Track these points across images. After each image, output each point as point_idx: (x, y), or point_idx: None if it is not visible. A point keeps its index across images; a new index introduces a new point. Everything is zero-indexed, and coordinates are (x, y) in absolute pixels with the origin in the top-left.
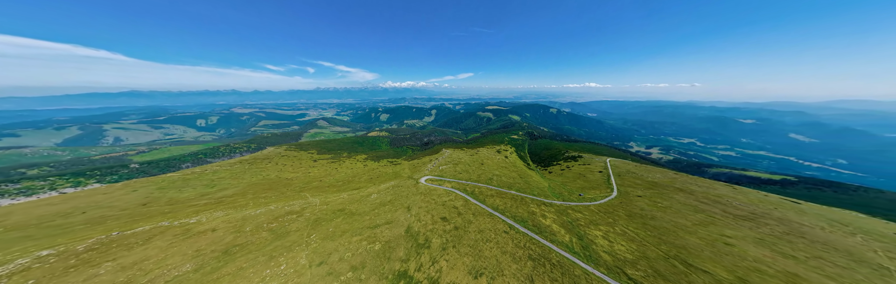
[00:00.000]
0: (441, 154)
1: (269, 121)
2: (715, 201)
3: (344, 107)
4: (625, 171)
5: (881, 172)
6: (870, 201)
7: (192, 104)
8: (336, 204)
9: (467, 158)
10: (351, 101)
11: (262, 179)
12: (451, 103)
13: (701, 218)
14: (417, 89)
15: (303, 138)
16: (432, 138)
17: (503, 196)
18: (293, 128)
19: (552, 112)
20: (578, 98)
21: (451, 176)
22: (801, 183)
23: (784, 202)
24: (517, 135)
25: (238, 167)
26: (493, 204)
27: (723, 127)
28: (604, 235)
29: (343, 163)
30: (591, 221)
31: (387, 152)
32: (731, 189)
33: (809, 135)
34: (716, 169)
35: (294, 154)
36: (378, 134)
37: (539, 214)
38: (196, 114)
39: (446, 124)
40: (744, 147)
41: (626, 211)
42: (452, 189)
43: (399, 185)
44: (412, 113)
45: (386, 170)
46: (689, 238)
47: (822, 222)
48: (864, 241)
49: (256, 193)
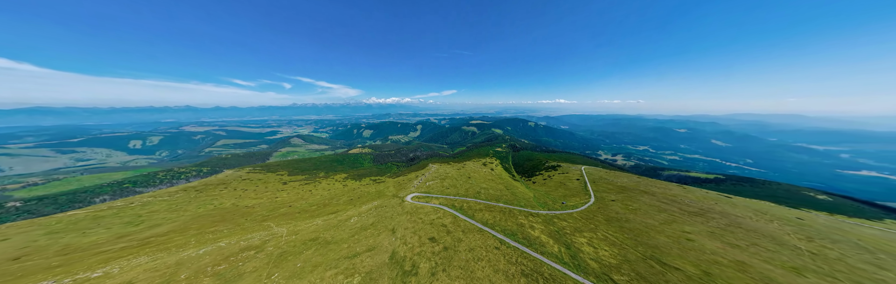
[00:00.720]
0: (428, 169)
1: (230, 141)
2: (672, 200)
3: (323, 124)
4: (598, 178)
5: (773, 168)
6: (773, 192)
7: (128, 122)
8: (308, 233)
9: (454, 172)
10: (331, 118)
11: (213, 209)
12: (437, 118)
13: (665, 218)
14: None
15: (271, 158)
16: (418, 153)
17: (492, 209)
18: (260, 148)
19: (530, 125)
20: (552, 112)
21: (439, 192)
22: (728, 180)
23: (720, 197)
24: (501, 148)
25: (181, 196)
26: (482, 219)
27: (665, 135)
28: (588, 242)
29: (319, 185)
30: (576, 228)
31: (370, 170)
32: (682, 189)
33: (724, 140)
34: (667, 172)
35: (259, 176)
36: (360, 150)
37: (527, 226)
38: (130, 135)
39: (432, 139)
40: (683, 152)
41: (605, 215)
42: (440, 205)
43: (383, 205)
44: (397, 128)
45: (368, 190)
46: (658, 238)
47: (749, 212)
48: (780, 226)
49: (202, 228)
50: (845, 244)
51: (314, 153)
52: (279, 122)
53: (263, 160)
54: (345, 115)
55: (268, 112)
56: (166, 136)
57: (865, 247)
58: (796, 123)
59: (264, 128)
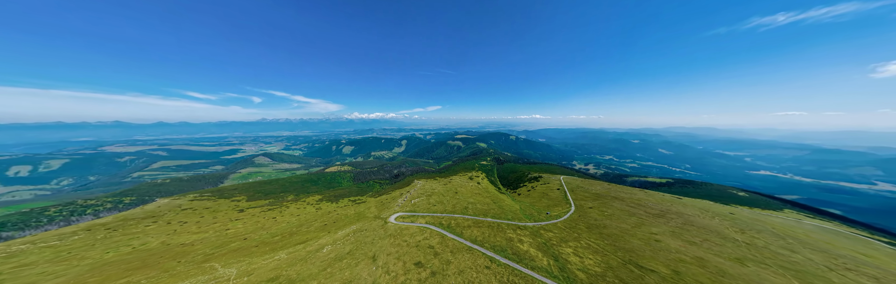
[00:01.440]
0: (413, 186)
1: (172, 162)
2: (638, 204)
3: (297, 141)
4: (576, 187)
5: (704, 171)
6: (709, 191)
7: (14, 143)
8: (266, 272)
9: (441, 188)
10: (307, 134)
11: (130, 252)
12: (422, 133)
13: (635, 221)
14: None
15: (227, 181)
16: (403, 169)
17: (480, 225)
18: (213, 170)
19: (512, 139)
20: (529, 126)
21: (425, 210)
22: (676, 183)
23: (674, 199)
24: (486, 161)
25: (80, 239)
26: (471, 237)
27: (624, 146)
28: (574, 251)
29: (286, 210)
30: (562, 239)
31: (349, 189)
32: (644, 193)
33: (667, 149)
34: (631, 178)
35: (206, 204)
36: (339, 168)
37: (516, 240)
38: (11, 159)
39: (418, 154)
40: (639, 160)
41: (585, 223)
42: (427, 225)
43: (362, 229)
44: (381, 144)
45: (346, 212)
46: (633, 241)
47: (696, 211)
48: (720, 221)
49: (108, 281)
50: (766, 233)
51: (283, 173)
52: (243, 139)
53: (216, 183)
54: (323, 131)
55: (229, 128)
56: (74, 160)
57: (778, 234)
58: (712, 134)
59: (222, 146)
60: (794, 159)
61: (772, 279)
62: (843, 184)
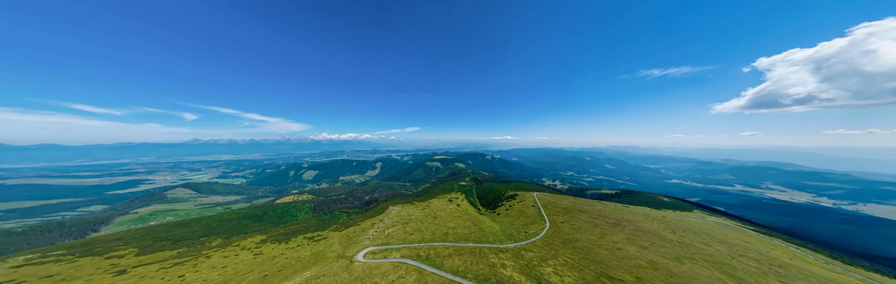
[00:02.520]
0: (387, 213)
1: (5, 204)
2: (599, 215)
3: (241, 166)
4: (548, 202)
5: (639, 182)
6: (645, 199)
7: None
8: None
9: (419, 214)
10: (257, 157)
11: None
12: (399, 155)
13: (599, 232)
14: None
15: (108, 227)
16: (376, 195)
17: (461, 252)
18: (86, 212)
19: (488, 158)
20: (503, 147)
21: (401, 241)
22: (622, 193)
23: (623, 208)
24: (465, 182)
25: None
26: (452, 267)
27: (580, 162)
28: (554, 270)
29: (206, 261)
30: (542, 258)
31: (306, 224)
32: (602, 204)
33: (611, 164)
34: (590, 191)
35: (53, 269)
36: (295, 198)
37: (499, 265)
38: None
39: (394, 177)
40: (593, 174)
41: (560, 238)
42: (403, 259)
43: (320, 275)
44: (352, 167)
45: (299, 254)
46: (601, 252)
47: (640, 217)
48: (658, 225)
49: None
50: (689, 231)
51: (212, 209)
52: (153, 167)
53: (85, 233)
54: (280, 154)
55: (133, 151)
56: None
57: (696, 231)
58: (637, 152)
59: (115, 177)
60: (687, 169)
61: (701, 272)
62: (719, 187)
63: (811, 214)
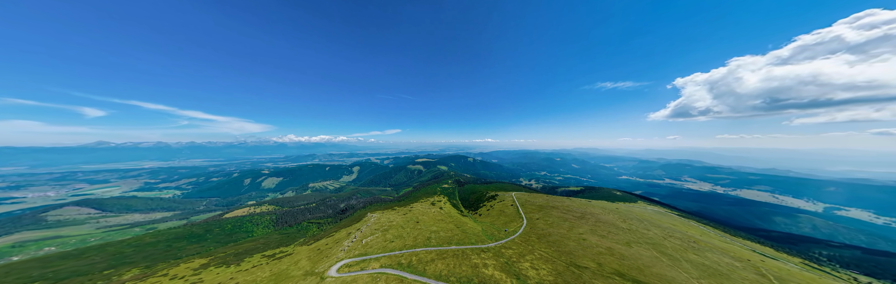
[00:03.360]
0: (365, 221)
1: None
2: (568, 210)
3: (174, 175)
4: (525, 201)
5: (599, 179)
6: (603, 194)
7: None
8: None
9: (400, 219)
10: (199, 163)
11: None
12: (379, 158)
13: (568, 226)
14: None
15: None
16: (353, 202)
17: (444, 255)
18: None
19: (470, 161)
20: (484, 149)
21: (381, 250)
22: (586, 190)
23: (587, 202)
24: (448, 184)
25: None
26: (435, 272)
27: (552, 163)
28: (531, 264)
29: None
30: (520, 254)
31: (265, 240)
32: (570, 200)
33: (577, 164)
34: (560, 189)
35: None
36: (250, 211)
37: (481, 265)
38: None
39: (373, 182)
40: (563, 173)
41: (536, 234)
42: (383, 269)
43: None
44: (324, 172)
45: (254, 277)
46: (569, 244)
47: (599, 210)
48: (614, 216)
49: None
50: (635, 219)
51: (124, 231)
52: (22, 179)
53: None
54: (231, 159)
55: None
56: None
57: (640, 219)
58: (597, 153)
59: None
60: (633, 167)
61: (644, 253)
62: (654, 181)
63: (711, 199)
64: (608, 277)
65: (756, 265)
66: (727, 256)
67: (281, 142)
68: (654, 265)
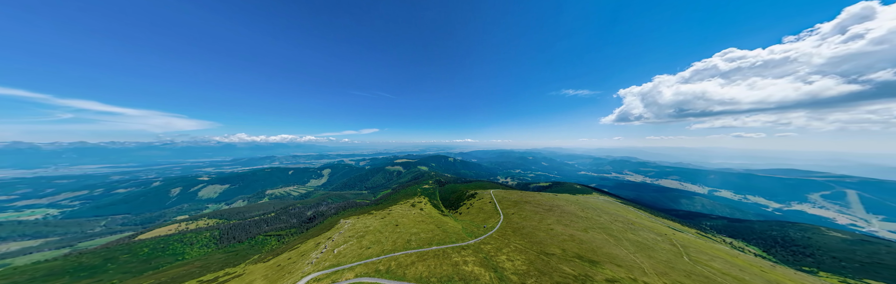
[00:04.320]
0: (338, 228)
1: None
2: (539, 204)
3: (50, 186)
4: (502, 198)
5: (563, 175)
6: (567, 188)
7: None
8: None
9: (377, 224)
10: (93, 170)
11: None
12: (354, 159)
13: (539, 218)
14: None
15: None
16: (323, 208)
17: (425, 257)
18: None
19: (451, 160)
20: (464, 149)
21: (356, 258)
22: (553, 185)
23: (554, 196)
24: (428, 185)
25: None
26: (415, 275)
27: (525, 161)
28: (507, 257)
29: None
30: (498, 248)
31: (202, 263)
32: (541, 195)
33: (546, 162)
34: (533, 185)
35: None
36: (181, 228)
37: (461, 262)
38: None
39: (347, 185)
40: (534, 171)
41: (512, 227)
42: (357, 279)
43: None
44: (287, 177)
45: None
46: (539, 234)
47: (564, 202)
48: (575, 207)
49: None
50: (591, 209)
51: None
52: None
53: None
54: (149, 164)
55: None
56: None
57: (594, 208)
58: (562, 152)
59: None
60: (589, 164)
61: (598, 236)
62: (605, 175)
63: (642, 188)
64: (570, 260)
65: (669, 237)
66: (653, 232)
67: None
68: (604, 246)
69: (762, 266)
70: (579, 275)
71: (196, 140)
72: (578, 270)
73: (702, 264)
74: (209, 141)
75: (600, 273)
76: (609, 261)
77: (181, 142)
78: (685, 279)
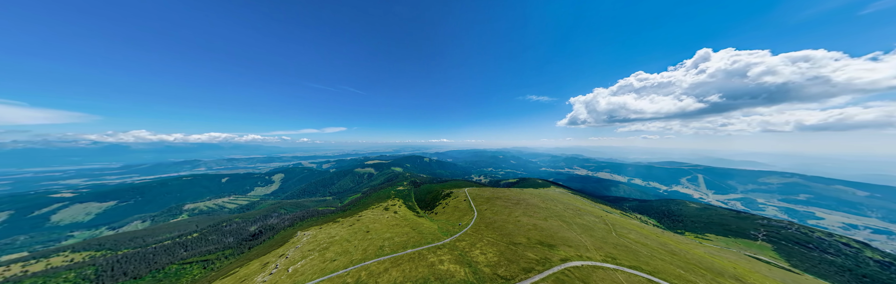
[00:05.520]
0: (294, 242)
1: None
2: (508, 199)
3: None
4: (476, 195)
5: (528, 171)
6: (531, 183)
7: None
8: None
9: (345, 232)
10: None
11: None
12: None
13: (508, 211)
14: (240, 145)
15: None
16: (273, 220)
17: (399, 262)
18: None
19: (426, 161)
20: (440, 149)
21: (318, 273)
22: (520, 181)
23: (521, 191)
24: (403, 186)
25: None
26: (389, 282)
27: (497, 160)
28: (480, 251)
29: None
30: (472, 243)
31: None
32: (509, 190)
33: (514, 160)
34: (503, 182)
35: None
36: (14, 272)
37: (437, 261)
38: None
39: (306, 191)
40: (505, 168)
41: (484, 222)
42: None
43: None
44: (219, 185)
45: None
46: (508, 226)
47: (528, 196)
48: (537, 199)
49: None
50: (549, 200)
51: None
52: None
53: None
54: None
55: None
56: None
57: (552, 199)
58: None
59: None
60: (549, 161)
61: (554, 223)
62: (560, 170)
63: (587, 180)
64: (534, 246)
65: (604, 218)
66: (593, 216)
67: (112, 142)
68: (559, 231)
69: (657, 233)
70: (541, 259)
71: (49, 139)
72: (540, 254)
73: (623, 237)
74: (75, 140)
75: (556, 254)
76: (563, 243)
77: (17, 142)
78: (613, 250)
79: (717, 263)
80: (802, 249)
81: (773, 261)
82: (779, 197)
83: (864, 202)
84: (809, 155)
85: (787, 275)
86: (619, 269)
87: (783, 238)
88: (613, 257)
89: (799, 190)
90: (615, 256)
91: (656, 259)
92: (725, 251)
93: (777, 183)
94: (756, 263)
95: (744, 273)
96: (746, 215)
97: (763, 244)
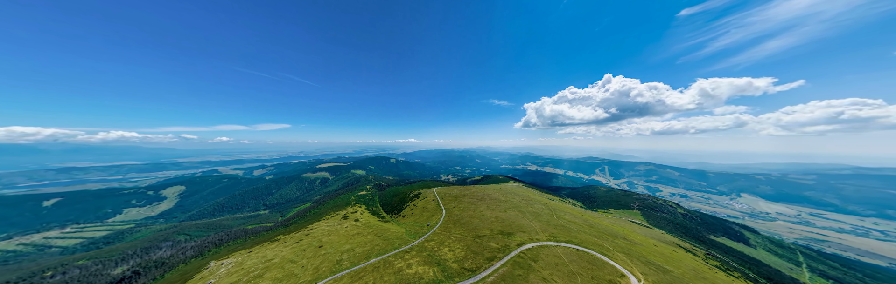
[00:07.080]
0: (202, 278)
1: None
2: (473, 196)
3: None
4: (444, 194)
5: (491, 169)
6: (494, 180)
7: None
8: None
9: (288, 252)
10: None
11: None
12: (243, 167)
13: (473, 207)
14: (95, 146)
15: None
16: (162, 254)
17: (361, 274)
18: None
19: (393, 162)
20: (408, 149)
21: None
22: (484, 178)
23: (485, 187)
24: (365, 190)
25: None
26: None
27: (464, 159)
28: (449, 248)
29: None
30: (440, 242)
31: None
32: (475, 188)
33: (479, 159)
34: (469, 180)
35: None
36: None
37: (405, 266)
38: None
39: (225, 207)
40: (471, 167)
41: (452, 220)
42: None
43: None
44: (34, 214)
45: None
46: (474, 221)
47: (491, 191)
48: (498, 194)
49: None
50: (508, 194)
51: None
52: None
53: None
54: None
55: None
56: None
57: (510, 192)
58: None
59: None
60: (508, 159)
61: (512, 213)
62: (517, 167)
63: (536, 174)
64: (496, 237)
65: (548, 205)
66: (541, 204)
67: None
68: (516, 220)
69: (582, 212)
70: (501, 247)
71: None
72: (501, 243)
73: (561, 218)
74: None
75: (514, 240)
76: (519, 230)
77: None
78: (555, 230)
79: (614, 229)
80: (653, 212)
81: (641, 223)
82: (644, 179)
83: (678, 179)
84: (658, 150)
85: (649, 231)
86: (559, 245)
87: (646, 206)
88: (555, 236)
89: (652, 174)
90: (556, 235)
91: (582, 232)
92: (620, 220)
93: (643, 170)
94: (634, 226)
95: (628, 233)
96: (629, 193)
97: (636, 212)
